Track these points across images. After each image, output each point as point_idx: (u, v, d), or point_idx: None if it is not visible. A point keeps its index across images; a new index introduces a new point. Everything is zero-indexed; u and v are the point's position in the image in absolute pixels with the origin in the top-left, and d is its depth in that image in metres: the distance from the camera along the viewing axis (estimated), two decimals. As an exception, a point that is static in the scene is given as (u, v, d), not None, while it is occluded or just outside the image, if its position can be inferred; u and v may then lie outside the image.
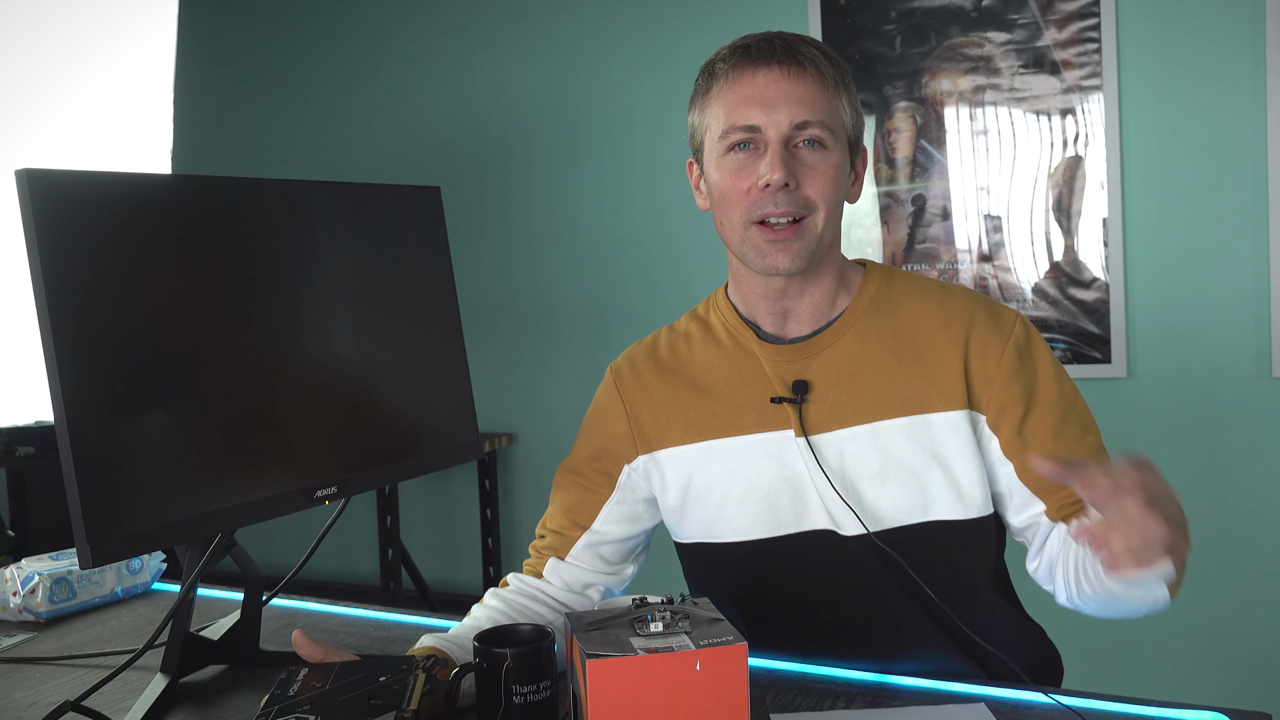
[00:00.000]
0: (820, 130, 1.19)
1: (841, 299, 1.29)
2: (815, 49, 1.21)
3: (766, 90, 1.19)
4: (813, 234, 1.20)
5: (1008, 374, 1.22)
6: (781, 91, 1.18)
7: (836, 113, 1.21)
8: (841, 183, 1.22)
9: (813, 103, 1.18)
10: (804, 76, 1.19)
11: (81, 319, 1.04)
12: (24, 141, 3.55)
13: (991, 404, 1.23)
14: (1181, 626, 2.84)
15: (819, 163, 1.19)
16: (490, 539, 3.73)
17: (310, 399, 1.27)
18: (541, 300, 3.65)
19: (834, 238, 1.25)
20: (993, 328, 1.24)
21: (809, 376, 1.26)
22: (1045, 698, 1.12)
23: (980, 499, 1.22)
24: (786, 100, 1.18)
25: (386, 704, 1.00)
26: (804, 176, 1.19)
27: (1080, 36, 2.83)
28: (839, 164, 1.21)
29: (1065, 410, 1.23)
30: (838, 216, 1.23)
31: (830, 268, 1.27)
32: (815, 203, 1.20)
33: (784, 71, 1.19)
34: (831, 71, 1.21)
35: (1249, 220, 2.72)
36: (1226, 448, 2.78)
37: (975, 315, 1.25)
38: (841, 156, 1.22)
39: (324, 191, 1.34)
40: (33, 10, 3.56)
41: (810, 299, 1.27)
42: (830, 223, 1.22)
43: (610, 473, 1.35)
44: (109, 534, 1.04)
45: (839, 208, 1.23)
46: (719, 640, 0.97)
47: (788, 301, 1.27)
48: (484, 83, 3.69)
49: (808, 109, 1.18)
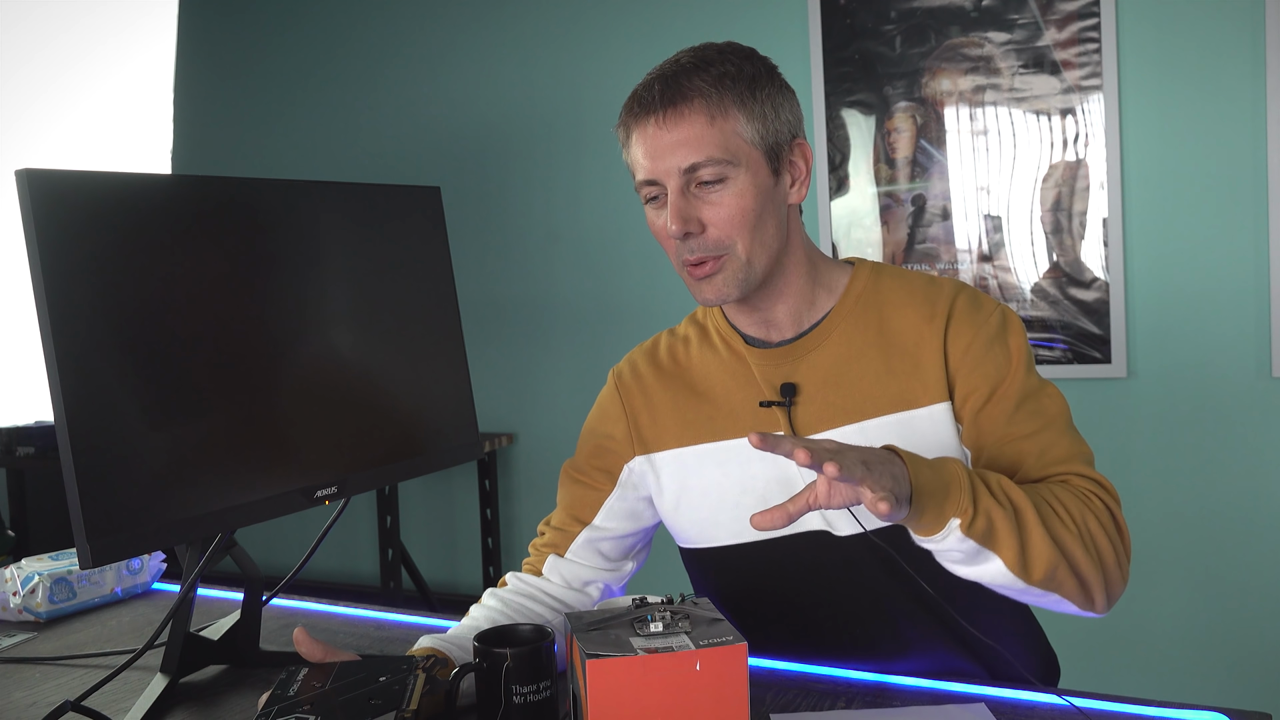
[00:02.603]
0: (713, 167, 1.17)
1: (823, 300, 1.28)
2: (700, 75, 1.18)
3: (653, 142, 1.19)
4: (735, 265, 1.20)
5: (974, 360, 1.22)
6: (665, 141, 1.18)
7: (733, 137, 1.18)
8: (756, 204, 1.20)
9: (698, 141, 1.17)
10: (681, 119, 1.17)
11: (81, 319, 1.05)
12: (24, 141, 3.56)
13: (958, 390, 1.22)
14: (1181, 626, 2.84)
15: (721, 197, 1.18)
16: (490, 539, 3.73)
17: (310, 399, 1.27)
18: (541, 300, 3.65)
19: (774, 253, 1.23)
20: (968, 316, 1.24)
21: (797, 379, 1.26)
22: (1054, 698, 1.12)
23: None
24: (671, 148, 1.18)
25: (386, 704, 1.00)
26: (707, 217, 1.19)
27: (1080, 36, 2.83)
28: (748, 187, 1.19)
29: (1022, 399, 1.21)
30: (768, 233, 1.21)
31: (794, 274, 1.26)
32: (724, 240, 1.19)
33: (660, 120, 1.18)
34: (716, 95, 1.18)
35: (1249, 220, 2.72)
36: (1226, 448, 2.78)
37: (955, 304, 1.25)
38: (752, 176, 1.19)
39: (324, 191, 1.34)
40: (33, 10, 3.56)
41: (785, 306, 1.27)
42: (757, 246, 1.20)
43: (610, 470, 1.35)
44: (109, 534, 1.04)
45: (765, 224, 1.21)
46: (719, 640, 0.97)
47: (763, 314, 1.28)
48: (484, 83, 3.69)
49: (693, 150, 1.17)
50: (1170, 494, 2.81)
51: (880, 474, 0.99)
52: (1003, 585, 1.10)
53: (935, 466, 1.06)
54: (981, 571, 1.09)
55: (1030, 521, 1.08)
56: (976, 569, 1.09)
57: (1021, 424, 1.20)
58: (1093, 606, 1.14)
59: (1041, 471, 1.19)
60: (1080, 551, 1.10)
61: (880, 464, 1.00)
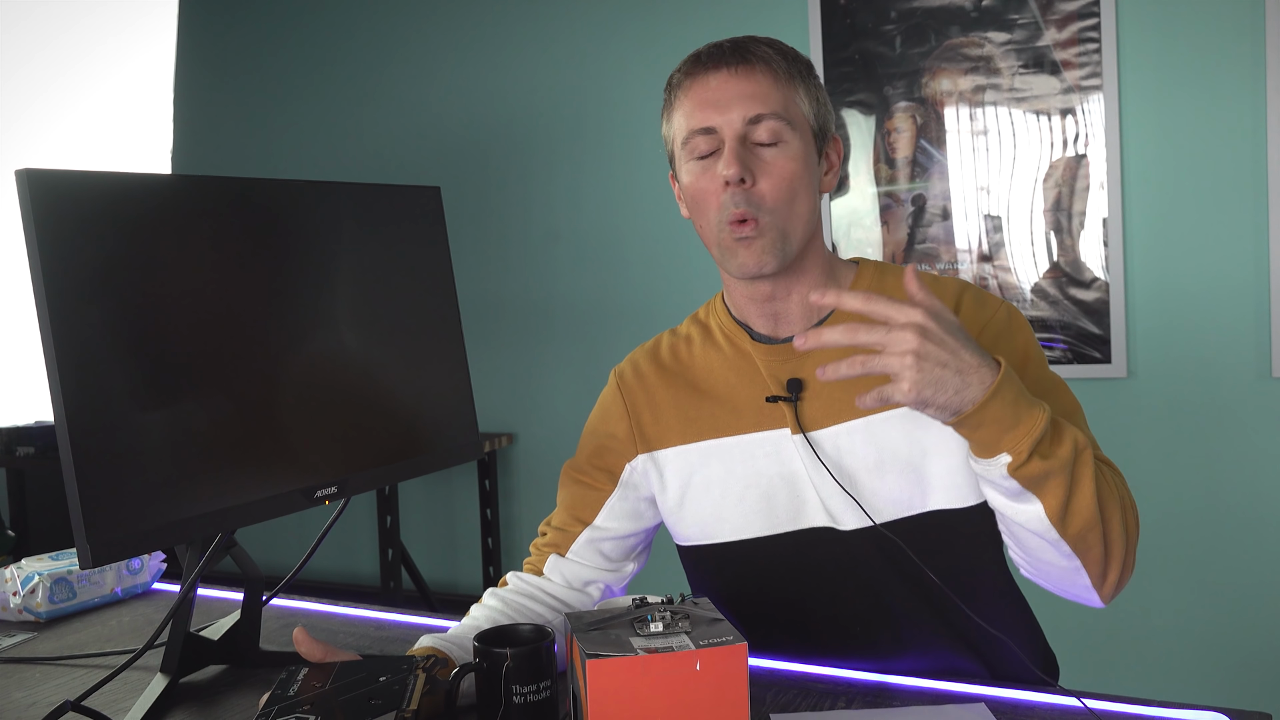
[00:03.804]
0: (775, 121, 1.20)
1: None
2: (767, 46, 1.24)
3: (718, 91, 1.21)
4: (773, 235, 1.21)
5: None
6: (733, 90, 1.21)
7: (794, 104, 1.22)
8: (805, 174, 1.22)
9: (765, 96, 1.20)
10: (752, 73, 1.21)
11: (81, 319, 1.05)
12: (24, 141, 3.55)
13: None
14: (1181, 626, 2.84)
15: (776, 157, 1.21)
16: (490, 539, 3.73)
17: (310, 399, 1.27)
18: (541, 300, 3.65)
19: (808, 232, 1.25)
20: (973, 312, 1.25)
21: (803, 374, 1.26)
22: (1055, 698, 1.12)
23: (978, 486, 1.22)
24: (738, 98, 1.20)
25: (386, 704, 1.00)
26: (760, 172, 1.20)
27: (1080, 36, 2.83)
28: (800, 154, 1.22)
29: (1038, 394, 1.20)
30: (807, 209, 1.23)
31: (815, 263, 1.28)
32: (771, 200, 1.20)
33: (732, 71, 1.21)
34: (784, 65, 1.22)
35: (1249, 220, 2.72)
36: (1226, 448, 2.78)
37: (961, 300, 1.26)
38: (804, 146, 1.23)
39: (324, 191, 1.34)
40: (33, 10, 3.56)
41: (799, 297, 1.27)
42: (795, 220, 1.22)
43: (612, 470, 1.35)
44: (109, 534, 1.04)
45: (806, 199, 1.23)
46: (719, 640, 0.97)
47: (776, 304, 1.28)
48: (484, 82, 3.69)
49: (760, 103, 1.20)
50: (1170, 494, 2.81)
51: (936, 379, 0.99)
52: (1036, 531, 1.10)
53: (1016, 403, 1.03)
54: (1018, 511, 1.09)
55: (1082, 476, 1.07)
56: (1015, 506, 1.09)
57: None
58: (1103, 585, 1.14)
59: None
60: (1117, 520, 1.10)
61: (953, 370, 1.00)
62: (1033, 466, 1.05)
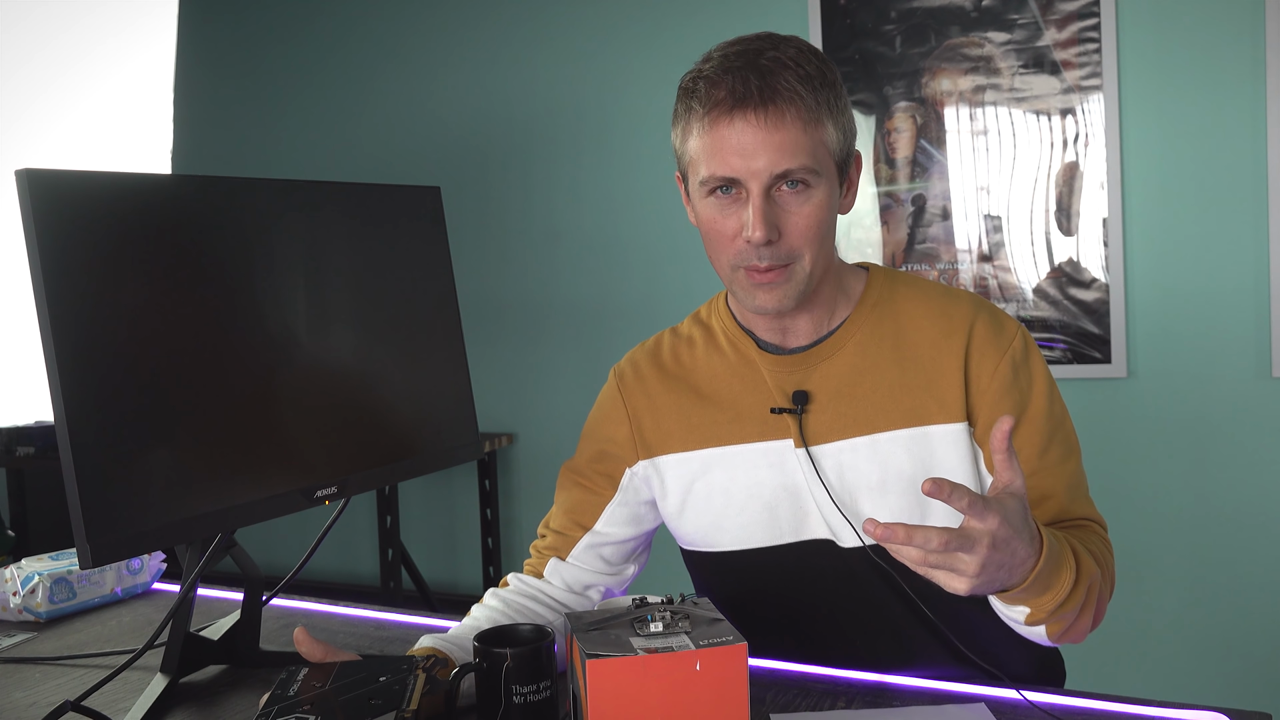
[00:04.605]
0: (803, 174, 1.14)
1: (842, 307, 1.27)
2: (794, 75, 1.13)
3: (744, 141, 1.13)
4: (800, 275, 1.18)
5: (1000, 388, 1.21)
6: (760, 141, 1.12)
7: (821, 145, 1.15)
8: (830, 215, 1.19)
9: (794, 147, 1.12)
10: (782, 120, 1.12)
11: (81, 319, 1.04)
12: (24, 141, 3.55)
13: (981, 416, 1.21)
14: (1182, 626, 2.84)
15: (803, 206, 1.15)
16: (490, 539, 3.73)
17: (310, 399, 1.27)
18: (541, 300, 3.65)
19: (826, 267, 1.22)
20: (992, 339, 1.22)
21: (809, 387, 1.25)
22: (1056, 697, 1.12)
23: None
24: (765, 149, 1.12)
25: (386, 704, 1.00)
26: (787, 225, 1.15)
27: (1080, 36, 2.83)
28: (825, 199, 1.16)
29: (1053, 430, 1.22)
30: (828, 248, 1.21)
31: (825, 283, 1.25)
32: (800, 250, 1.17)
33: (759, 120, 1.12)
34: (812, 100, 1.13)
35: (1249, 220, 2.72)
36: (1226, 448, 2.78)
37: (976, 324, 1.23)
38: (829, 187, 1.17)
39: (324, 191, 1.34)
40: (33, 10, 3.56)
41: (808, 315, 1.25)
42: (820, 259, 1.19)
43: (612, 475, 1.34)
44: (109, 534, 1.04)
45: (830, 235, 1.20)
46: (719, 640, 0.97)
47: (785, 321, 1.26)
48: (484, 82, 3.69)
49: (789, 156, 1.12)
50: (1170, 494, 2.81)
51: (990, 579, 0.97)
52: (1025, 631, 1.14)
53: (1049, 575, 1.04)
54: (1013, 618, 1.13)
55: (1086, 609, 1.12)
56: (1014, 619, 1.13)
57: (1052, 453, 1.21)
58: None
59: (1070, 506, 1.21)
60: (1088, 623, 1.15)
61: (1007, 570, 0.98)
62: (1048, 619, 1.09)
